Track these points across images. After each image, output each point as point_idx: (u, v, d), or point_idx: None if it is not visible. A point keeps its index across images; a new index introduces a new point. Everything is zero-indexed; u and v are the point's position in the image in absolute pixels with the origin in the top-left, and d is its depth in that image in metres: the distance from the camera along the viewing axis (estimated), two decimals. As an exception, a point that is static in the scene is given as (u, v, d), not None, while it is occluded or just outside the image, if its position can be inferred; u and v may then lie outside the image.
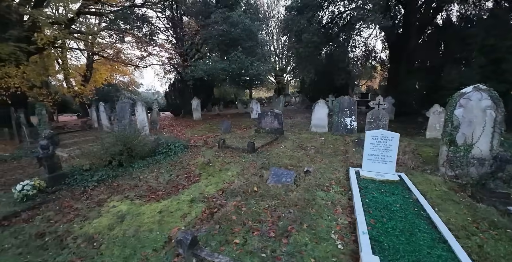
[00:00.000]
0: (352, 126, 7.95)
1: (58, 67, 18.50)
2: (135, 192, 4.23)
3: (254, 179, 4.63)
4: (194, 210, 3.59)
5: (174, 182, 4.65)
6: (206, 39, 10.32)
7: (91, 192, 4.30)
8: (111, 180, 4.73)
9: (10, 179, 5.43)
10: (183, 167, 5.37)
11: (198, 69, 10.16)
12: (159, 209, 3.61)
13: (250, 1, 14.03)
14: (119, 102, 7.07)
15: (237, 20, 9.72)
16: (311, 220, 3.29)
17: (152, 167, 5.41)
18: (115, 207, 3.73)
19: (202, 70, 10.07)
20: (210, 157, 5.93)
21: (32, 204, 3.90)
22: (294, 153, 6.26)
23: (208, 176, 4.85)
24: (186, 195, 4.07)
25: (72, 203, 3.95)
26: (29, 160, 7.11)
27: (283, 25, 10.44)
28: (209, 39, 10.48)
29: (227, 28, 9.77)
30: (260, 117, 8.29)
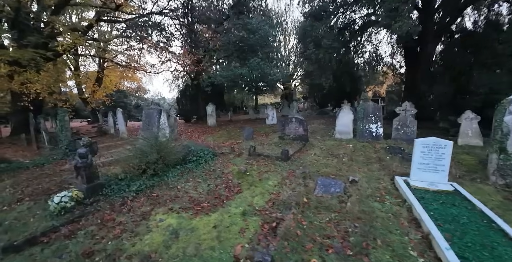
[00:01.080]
0: (378, 133, 7.68)
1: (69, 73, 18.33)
2: (178, 204, 3.91)
3: (300, 189, 4.32)
4: (250, 224, 3.26)
5: (215, 192, 4.32)
6: (223, 45, 10.12)
7: (131, 203, 3.98)
8: (149, 190, 4.40)
9: (38, 188, 5.11)
10: (218, 176, 5.05)
11: (217, 75, 9.94)
12: (213, 224, 3.29)
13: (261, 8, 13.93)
14: (145, 109, 6.79)
15: (256, 26, 9.58)
16: (382, 235, 3.01)
17: (187, 176, 5.09)
18: (163, 221, 3.40)
19: (222, 76, 9.85)
20: (242, 165, 5.63)
21: (71, 217, 3.57)
22: (328, 160, 5.96)
23: (250, 186, 4.54)
24: (234, 207, 3.75)
25: (113, 215, 3.62)
26: (51, 167, 6.78)
27: (301, 31, 10.31)
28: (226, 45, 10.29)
29: (247, 34, 9.61)
30: (284, 123, 8.01)
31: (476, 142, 6.72)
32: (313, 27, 9.48)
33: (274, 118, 11.91)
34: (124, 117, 10.58)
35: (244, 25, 9.86)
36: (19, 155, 8.59)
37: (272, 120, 11.91)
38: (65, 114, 7.52)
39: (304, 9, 10.83)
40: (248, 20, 10.00)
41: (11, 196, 4.88)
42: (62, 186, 5.04)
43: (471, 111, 6.77)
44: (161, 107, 6.53)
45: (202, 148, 6.33)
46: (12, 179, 6.03)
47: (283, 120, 8.09)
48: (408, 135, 7.42)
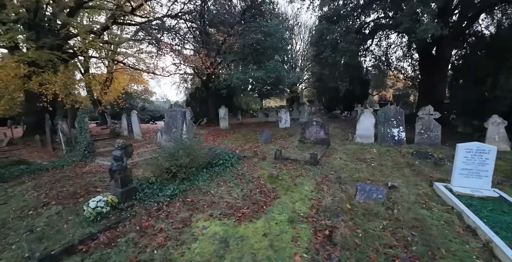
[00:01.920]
0: (400, 137, 7.49)
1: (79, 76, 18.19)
2: (217, 210, 3.70)
3: (339, 194, 4.12)
4: (301, 232, 3.06)
5: (251, 198, 4.11)
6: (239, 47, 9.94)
7: (167, 208, 3.76)
8: (182, 195, 4.19)
9: (63, 191, 4.90)
10: (250, 181, 4.84)
11: (233, 78, 9.78)
12: (262, 232, 3.08)
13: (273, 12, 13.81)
14: (167, 111, 6.60)
15: (274, 29, 9.45)
16: (443, 244, 2.85)
17: (217, 180, 4.88)
18: (206, 228, 3.19)
19: (238, 79, 9.69)
20: (272, 169, 5.43)
21: (108, 223, 3.35)
22: (357, 165, 5.77)
23: (286, 191, 4.33)
24: (278, 214, 3.54)
25: (152, 222, 3.40)
26: (72, 169, 6.57)
27: (316, 34, 10.16)
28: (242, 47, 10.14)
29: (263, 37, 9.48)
30: (304, 127, 7.83)
31: (504, 147, 6.54)
32: (330, 30, 9.35)
33: (288, 122, 11.72)
34: (138, 119, 10.39)
35: (259, 28, 9.73)
36: (35, 156, 8.38)
37: (286, 123, 11.72)
38: (84, 116, 7.33)
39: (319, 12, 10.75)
40: (264, 23, 9.88)
41: (36, 200, 4.67)
42: (89, 189, 4.83)
43: (498, 116, 6.59)
44: (184, 109, 6.32)
45: (227, 151, 6.12)
46: (33, 181, 5.82)
47: (304, 124, 7.90)
48: (432, 139, 7.23)
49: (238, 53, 10.60)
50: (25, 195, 5.00)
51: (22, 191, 5.26)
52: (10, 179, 6.03)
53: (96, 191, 4.70)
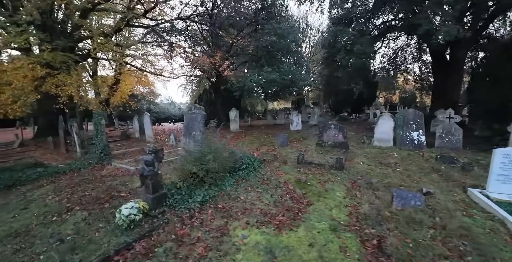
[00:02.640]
0: (420, 141, 7.32)
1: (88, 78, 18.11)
2: (252, 217, 3.53)
3: (374, 201, 3.95)
4: (348, 242, 2.90)
5: (284, 204, 3.94)
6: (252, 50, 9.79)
7: (200, 215, 3.59)
8: (212, 201, 4.01)
9: (85, 196, 4.73)
10: (277, 186, 4.67)
11: (247, 80, 9.64)
12: (306, 241, 2.91)
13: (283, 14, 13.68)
14: (186, 113, 6.44)
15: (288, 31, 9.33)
16: (496, 253, 2.71)
17: (243, 185, 4.71)
18: (246, 238, 3.02)
19: (253, 81, 9.55)
20: (298, 174, 5.27)
21: (142, 231, 3.18)
22: (382, 170, 5.60)
23: (318, 197, 4.15)
24: (317, 222, 3.37)
25: (186, 230, 3.23)
26: (89, 172, 6.40)
27: (329, 36, 10.03)
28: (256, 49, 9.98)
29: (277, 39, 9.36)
30: (322, 130, 7.67)
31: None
32: (343, 33, 9.22)
33: (299, 124, 11.56)
34: (151, 121, 10.24)
35: (273, 30, 9.61)
36: (49, 158, 8.22)
37: (297, 126, 11.56)
38: (101, 117, 7.18)
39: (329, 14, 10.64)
40: (277, 25, 9.76)
41: (58, 205, 4.50)
42: (112, 194, 4.66)
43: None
44: (201, 111, 6.16)
45: (248, 155, 5.95)
46: (52, 184, 5.66)
47: (321, 127, 7.74)
48: (453, 143, 7.06)
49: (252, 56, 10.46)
50: (45, 199, 4.83)
51: (42, 195, 5.10)
52: (27, 182, 5.87)
53: (120, 196, 4.54)
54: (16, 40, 7.52)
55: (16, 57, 7.61)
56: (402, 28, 10.92)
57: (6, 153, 9.11)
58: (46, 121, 11.19)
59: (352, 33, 9.04)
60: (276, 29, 9.49)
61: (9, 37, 7.34)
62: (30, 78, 7.40)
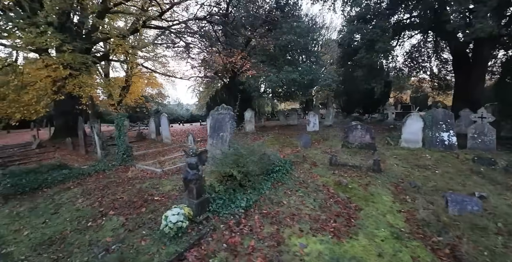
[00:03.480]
0: (451, 141, 7.01)
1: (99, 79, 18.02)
2: (303, 223, 3.29)
3: (425, 205, 3.68)
4: (418, 251, 2.66)
5: (330, 209, 3.69)
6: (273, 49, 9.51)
7: (247, 222, 3.35)
8: (256, 205, 3.77)
9: (117, 200, 4.52)
10: (317, 189, 4.42)
11: (266, 80, 9.39)
12: (374, 251, 2.66)
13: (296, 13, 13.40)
14: (213, 113, 6.22)
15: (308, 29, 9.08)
16: None
17: (281, 188, 4.47)
18: (305, 247, 2.77)
19: (271, 81, 9.31)
20: (329, 176, 5.03)
21: (190, 240, 2.96)
22: (420, 172, 5.32)
23: (366, 202, 3.90)
24: (374, 229, 3.12)
25: (237, 238, 3.00)
26: (115, 174, 6.22)
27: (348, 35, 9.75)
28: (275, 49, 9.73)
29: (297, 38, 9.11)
30: (348, 131, 7.39)
31: None
32: (365, 30, 8.90)
33: (316, 125, 11.28)
34: (168, 122, 10.06)
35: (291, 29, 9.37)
36: (69, 159, 8.06)
37: (314, 127, 11.28)
38: (124, 118, 7.00)
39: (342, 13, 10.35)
40: (295, 23, 9.51)
41: (90, 209, 4.30)
42: (145, 198, 4.45)
43: None
44: (230, 112, 5.93)
45: (278, 157, 5.71)
46: (79, 187, 5.48)
47: (347, 128, 7.47)
48: (486, 144, 6.74)
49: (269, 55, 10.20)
50: (75, 203, 4.64)
51: (71, 198, 4.91)
52: (53, 185, 5.70)
53: (154, 200, 4.32)
54: (37, 41, 7.38)
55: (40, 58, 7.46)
56: (420, 25, 10.58)
57: (25, 154, 8.99)
58: (63, 123, 11.08)
59: (373, 31, 8.76)
60: (295, 28, 9.26)
61: (31, 38, 7.20)
62: (52, 79, 7.25)
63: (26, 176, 5.73)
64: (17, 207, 4.85)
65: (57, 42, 7.51)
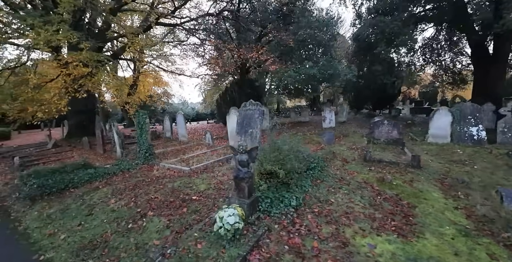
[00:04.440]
0: (480, 136, 6.81)
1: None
2: (361, 222, 3.13)
3: (481, 201, 3.50)
4: (492, 249, 2.52)
5: (382, 207, 3.52)
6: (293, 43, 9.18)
7: (301, 221, 3.17)
8: (305, 204, 3.60)
9: (152, 200, 4.37)
10: (360, 186, 4.24)
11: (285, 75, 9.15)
12: (449, 250, 2.49)
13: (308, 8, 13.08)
14: (241, 110, 6.02)
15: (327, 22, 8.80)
16: None
17: (322, 186, 4.28)
18: (373, 247, 2.61)
19: (290, 76, 9.08)
20: (366, 172, 4.86)
21: (249, 242, 2.78)
22: (458, 167, 5.15)
23: (417, 199, 3.72)
24: (438, 227, 2.98)
25: (297, 239, 2.84)
26: (140, 172, 6.06)
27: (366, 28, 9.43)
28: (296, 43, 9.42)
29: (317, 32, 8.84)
30: (373, 127, 7.20)
31: None
32: (386, 23, 8.59)
33: (333, 121, 11.07)
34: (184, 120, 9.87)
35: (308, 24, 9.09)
36: (89, 159, 7.89)
37: (330, 123, 11.07)
38: (145, 116, 6.82)
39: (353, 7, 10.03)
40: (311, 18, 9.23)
41: (127, 209, 4.14)
42: (181, 197, 4.29)
43: None
44: (259, 107, 5.74)
45: (310, 153, 5.53)
46: (108, 186, 5.32)
47: (372, 123, 7.27)
48: (518, 138, 6.55)
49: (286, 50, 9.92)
50: (108, 203, 4.48)
51: (102, 198, 4.75)
52: (80, 184, 5.56)
53: (193, 200, 4.16)
54: (53, 38, 7.18)
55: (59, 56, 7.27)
56: (436, 18, 10.28)
57: (42, 154, 8.84)
58: (77, 122, 10.91)
59: (394, 24, 8.48)
60: (313, 22, 8.98)
61: (47, 36, 6.99)
62: (74, 76, 7.06)
63: (51, 176, 5.57)
64: (46, 209, 4.70)
65: (74, 39, 7.30)
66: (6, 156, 8.51)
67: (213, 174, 5.42)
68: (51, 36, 7.15)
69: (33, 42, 6.60)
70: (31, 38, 6.62)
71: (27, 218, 4.48)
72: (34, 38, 6.64)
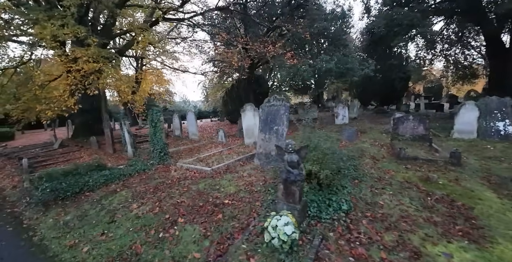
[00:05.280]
0: (507, 131, 6.55)
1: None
2: (424, 228, 2.81)
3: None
4: None
5: (436, 209, 3.21)
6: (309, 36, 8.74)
7: (357, 228, 2.85)
8: (356, 208, 3.28)
9: (178, 204, 4.04)
10: (403, 186, 3.93)
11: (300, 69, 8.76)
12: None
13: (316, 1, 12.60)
14: (264, 106, 5.66)
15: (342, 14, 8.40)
16: None
17: (365, 187, 3.95)
18: (452, 257, 2.29)
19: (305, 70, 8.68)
20: (406, 171, 4.55)
21: (308, 254, 2.45)
22: (495, 164, 4.86)
23: (470, 199, 3.42)
24: (508, 230, 2.66)
25: (361, 249, 2.51)
26: (158, 174, 5.69)
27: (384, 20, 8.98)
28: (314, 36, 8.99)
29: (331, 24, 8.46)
30: (397, 122, 6.89)
31: None
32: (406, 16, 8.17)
33: (346, 118, 10.77)
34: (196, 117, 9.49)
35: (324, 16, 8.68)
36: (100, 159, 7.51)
37: (343, 119, 10.77)
38: (160, 113, 6.43)
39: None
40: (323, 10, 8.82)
41: (153, 216, 3.77)
42: (212, 202, 3.94)
43: None
44: (285, 103, 5.39)
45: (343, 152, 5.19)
46: (126, 189, 4.97)
47: (396, 119, 6.95)
48: (549, 133, 6.28)
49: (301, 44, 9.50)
50: (131, 209, 4.11)
51: (122, 203, 4.39)
52: (95, 187, 5.18)
53: (225, 204, 3.81)
54: (60, 32, 6.74)
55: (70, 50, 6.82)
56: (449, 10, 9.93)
57: (49, 154, 8.44)
58: (83, 121, 10.48)
59: (412, 15, 8.11)
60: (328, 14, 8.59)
61: (54, 30, 6.54)
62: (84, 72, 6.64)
63: (64, 178, 5.19)
64: (62, 216, 4.31)
65: (82, 34, 6.85)
66: (12, 157, 8.09)
67: (237, 174, 5.08)
68: (58, 31, 6.71)
69: (39, 36, 6.15)
70: (37, 33, 6.15)
71: (42, 226, 4.10)
72: (40, 32, 6.18)
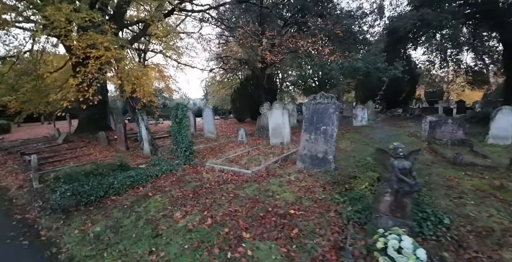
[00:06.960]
0: (544, 137, 6.35)
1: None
2: None
3: None
4: None
5: None
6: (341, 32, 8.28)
7: (469, 246, 2.43)
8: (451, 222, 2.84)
9: (233, 214, 3.45)
10: (477, 195, 3.54)
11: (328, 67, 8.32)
12: None
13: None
14: (307, 104, 5.16)
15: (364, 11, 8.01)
16: None
17: (439, 195, 3.54)
18: None
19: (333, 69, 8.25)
20: (469, 178, 4.20)
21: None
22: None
23: None
24: None
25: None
26: (190, 175, 5.08)
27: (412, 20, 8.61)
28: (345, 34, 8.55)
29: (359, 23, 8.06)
30: (435, 126, 6.58)
31: None
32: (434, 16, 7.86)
33: (365, 119, 10.45)
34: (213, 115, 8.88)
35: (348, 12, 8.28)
36: (112, 157, 6.79)
37: (362, 121, 10.44)
38: (186, 109, 5.83)
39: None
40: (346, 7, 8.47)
41: (209, 229, 3.08)
42: (275, 212, 3.33)
43: None
44: (335, 101, 4.93)
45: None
46: (158, 193, 4.35)
47: (433, 123, 6.64)
48: None
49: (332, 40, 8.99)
50: (176, 219, 3.41)
51: (161, 211, 3.72)
52: (122, 190, 4.52)
53: (292, 215, 3.23)
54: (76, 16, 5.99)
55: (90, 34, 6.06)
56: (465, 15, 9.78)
57: (54, 150, 7.61)
58: (87, 115, 9.64)
59: (442, 16, 7.84)
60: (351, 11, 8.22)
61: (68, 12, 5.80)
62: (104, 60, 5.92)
63: (85, 178, 4.49)
64: (89, 226, 3.54)
65: (99, 19, 6.13)
66: (13, 152, 7.22)
67: (283, 179, 4.56)
68: (72, 14, 5.96)
69: (53, 18, 5.39)
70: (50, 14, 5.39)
71: (66, 240, 3.29)
72: (54, 13, 5.42)
